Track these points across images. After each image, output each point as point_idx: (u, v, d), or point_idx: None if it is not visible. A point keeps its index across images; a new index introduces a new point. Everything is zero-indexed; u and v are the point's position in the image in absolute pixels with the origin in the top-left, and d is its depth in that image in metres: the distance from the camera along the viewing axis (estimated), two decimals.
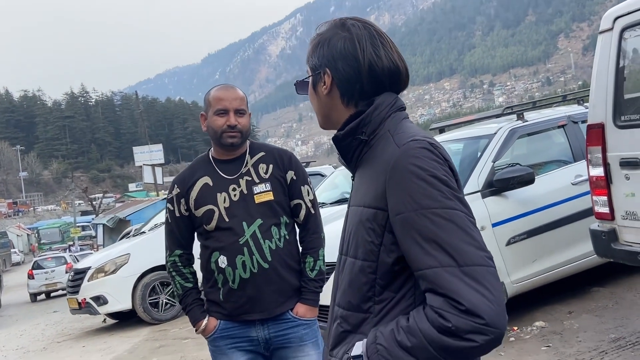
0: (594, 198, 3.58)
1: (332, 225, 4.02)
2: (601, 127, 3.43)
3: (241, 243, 2.09)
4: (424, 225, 1.04)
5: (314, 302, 2.19)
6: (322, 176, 7.94)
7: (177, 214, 2.21)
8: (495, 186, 4.43)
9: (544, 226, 4.53)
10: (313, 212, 2.24)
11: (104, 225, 18.31)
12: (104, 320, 9.15)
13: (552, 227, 4.56)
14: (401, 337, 1.05)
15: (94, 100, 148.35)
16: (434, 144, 1.14)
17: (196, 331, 2.22)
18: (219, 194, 2.14)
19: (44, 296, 19.89)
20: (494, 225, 4.32)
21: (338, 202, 6.19)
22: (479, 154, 4.74)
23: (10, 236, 43.50)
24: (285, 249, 2.15)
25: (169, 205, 2.25)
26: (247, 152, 2.22)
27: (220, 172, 2.18)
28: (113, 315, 8.85)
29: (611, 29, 3.35)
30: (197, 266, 2.27)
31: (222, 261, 2.10)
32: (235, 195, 2.14)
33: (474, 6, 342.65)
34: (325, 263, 2.25)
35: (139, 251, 8.23)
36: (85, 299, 8.03)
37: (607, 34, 3.39)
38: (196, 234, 2.25)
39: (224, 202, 2.13)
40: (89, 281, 8.10)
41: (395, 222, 1.09)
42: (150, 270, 8.11)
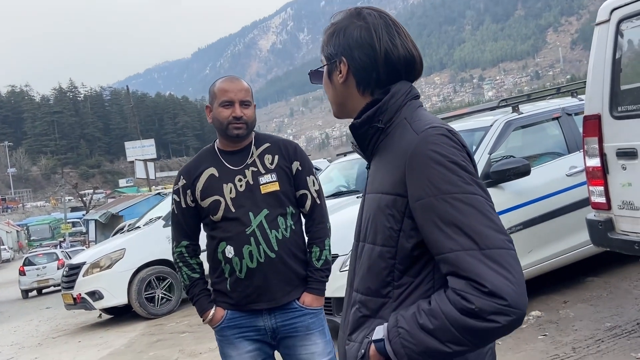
0: (591, 188, 3.62)
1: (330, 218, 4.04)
2: (598, 118, 3.46)
3: (248, 233, 2.10)
4: (444, 210, 1.06)
5: (320, 291, 2.21)
6: (318, 170, 7.96)
7: (184, 205, 2.22)
8: (492, 178, 4.47)
9: (539, 217, 4.58)
10: (319, 202, 2.26)
11: (96, 220, 18.22)
12: (100, 316, 9.11)
13: (547, 218, 4.61)
14: (423, 320, 1.07)
15: (82, 96, 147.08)
16: (452, 131, 1.16)
17: (203, 321, 2.22)
18: (225, 185, 2.16)
19: (35, 292, 19.77)
20: None
21: (334, 195, 6.21)
22: (474, 146, 4.78)
23: None
24: (292, 239, 2.16)
25: (175, 196, 2.25)
26: (253, 143, 2.23)
27: (226, 163, 2.19)
28: (108, 311, 8.81)
29: (608, 20, 3.38)
30: (202, 257, 2.29)
31: (229, 251, 2.11)
32: (241, 186, 2.15)
33: (464, 0, 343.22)
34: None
35: (134, 246, 8.21)
36: (80, 294, 8.00)
37: (604, 25, 3.42)
38: (202, 224, 2.26)
39: (230, 192, 2.14)
40: (84, 276, 8.07)
41: (415, 208, 1.11)
42: (146, 265, 8.11)
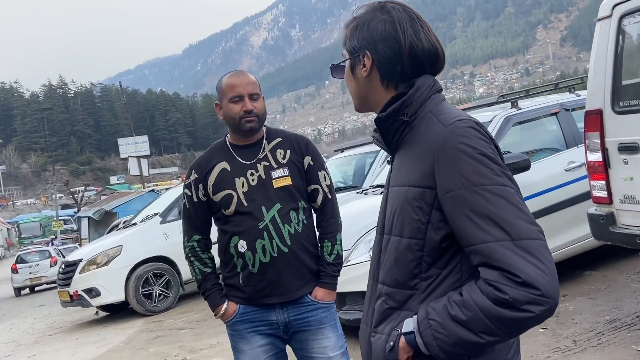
0: (592, 183, 3.65)
1: None
2: (599, 113, 3.49)
3: (261, 227, 2.10)
4: (476, 201, 1.07)
5: (332, 285, 2.22)
6: None
7: (195, 199, 2.22)
8: None
9: (539, 212, 4.61)
10: (330, 197, 2.26)
11: (89, 218, 18.10)
12: (97, 313, 9.07)
13: (546, 213, 4.65)
14: (455, 312, 1.08)
15: (72, 92, 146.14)
16: (479, 123, 1.17)
17: (215, 316, 2.23)
18: (237, 179, 2.16)
19: (27, 290, 19.65)
20: None
21: None
22: None
23: None
24: (304, 234, 2.17)
25: (186, 190, 2.25)
26: (264, 137, 2.24)
27: (238, 158, 2.19)
28: (105, 308, 8.79)
29: (610, 16, 3.41)
30: (214, 251, 2.29)
31: (242, 245, 2.12)
32: (253, 180, 2.15)
33: None
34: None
35: (131, 243, 8.17)
36: (77, 291, 7.96)
37: (606, 21, 3.45)
38: (213, 219, 2.26)
39: (242, 186, 2.15)
40: (80, 273, 8.03)
41: (445, 200, 1.12)
42: (143, 262, 8.08)
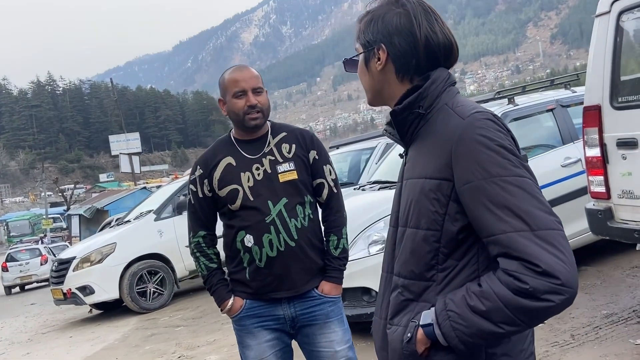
0: (590, 178, 3.67)
1: None
2: (598, 108, 3.51)
3: (267, 222, 2.10)
4: (495, 192, 1.08)
5: (338, 279, 2.21)
6: None
7: (200, 194, 2.21)
8: None
9: None
10: (335, 191, 2.26)
11: (80, 215, 17.98)
12: (90, 311, 9.02)
13: None
14: (474, 302, 1.08)
15: (61, 89, 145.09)
16: (497, 116, 1.18)
17: (222, 311, 2.22)
18: (242, 174, 2.15)
19: (18, 289, 19.50)
20: None
21: None
22: None
23: None
24: (310, 228, 2.17)
25: (191, 186, 2.24)
26: (269, 132, 2.23)
27: (243, 152, 2.18)
28: (98, 306, 8.73)
29: (608, 12, 3.42)
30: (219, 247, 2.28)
31: (249, 240, 2.11)
32: (259, 175, 2.14)
33: None
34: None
35: (125, 240, 8.12)
36: (70, 289, 7.90)
37: (604, 17, 3.47)
38: (219, 214, 2.25)
39: (248, 181, 2.14)
40: (74, 271, 7.96)
41: (463, 191, 1.12)
42: (137, 259, 8.03)
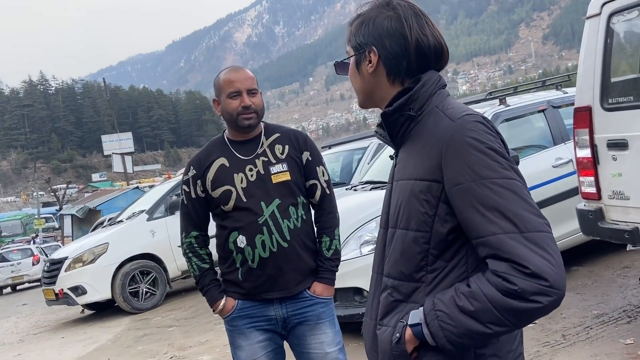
0: (581, 179, 3.70)
1: None
2: (588, 109, 3.54)
3: (260, 222, 2.10)
4: (485, 194, 1.09)
5: (330, 280, 2.22)
6: None
7: (193, 195, 2.21)
8: None
9: None
10: (328, 192, 2.27)
11: (72, 215, 17.88)
12: (82, 311, 8.98)
13: None
14: (463, 302, 1.09)
15: (53, 89, 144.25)
16: (486, 118, 1.19)
17: (214, 311, 2.22)
18: (235, 175, 2.15)
19: (9, 289, 19.38)
20: None
21: None
22: None
23: None
24: (303, 229, 2.17)
25: (184, 187, 2.24)
26: (263, 133, 2.23)
27: (236, 153, 2.19)
28: (90, 306, 8.69)
29: (599, 14, 3.45)
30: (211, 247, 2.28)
31: (241, 241, 2.11)
32: (252, 176, 2.15)
33: None
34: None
35: (117, 240, 8.09)
36: (62, 289, 7.85)
37: (595, 19, 3.49)
38: (212, 215, 2.25)
39: (241, 182, 2.14)
40: (66, 271, 7.92)
41: (453, 193, 1.13)
42: (130, 259, 8.00)
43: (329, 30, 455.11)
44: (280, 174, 2.15)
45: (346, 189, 5.64)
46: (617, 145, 3.39)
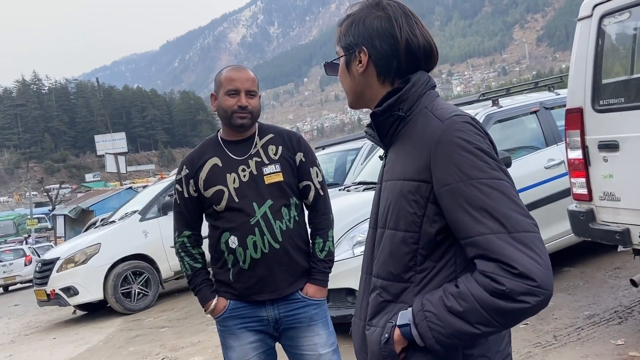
0: (572, 180, 3.71)
1: None
2: (580, 111, 3.55)
3: (252, 223, 2.09)
4: (473, 195, 1.09)
5: (323, 282, 2.21)
6: None
7: (186, 194, 2.20)
8: None
9: None
10: (322, 193, 2.26)
11: (65, 216, 17.79)
12: (74, 312, 8.93)
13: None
14: (451, 303, 1.09)
15: (47, 88, 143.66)
16: (475, 119, 1.19)
17: (205, 311, 2.21)
18: (228, 175, 2.15)
19: (1, 290, 19.26)
20: None
21: None
22: None
23: None
24: (295, 230, 2.17)
25: (177, 186, 2.23)
26: (256, 133, 2.23)
27: (230, 153, 2.18)
28: (82, 307, 8.65)
29: (590, 16, 3.46)
30: (204, 247, 2.27)
31: (233, 241, 2.11)
32: (244, 176, 2.14)
33: None
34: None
35: (110, 241, 8.05)
36: (54, 290, 7.81)
37: (586, 20, 3.50)
38: (204, 215, 2.24)
39: (234, 182, 2.14)
40: (58, 272, 7.87)
41: (441, 193, 1.13)
42: (122, 260, 7.97)
43: (323, 31, 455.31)
44: (273, 174, 2.15)
45: (339, 189, 5.64)
46: (608, 146, 3.41)
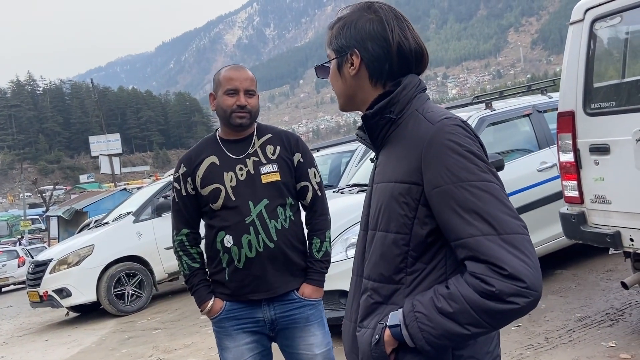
0: (564, 183, 3.73)
1: None
2: (571, 114, 3.57)
3: (247, 222, 2.10)
4: (463, 197, 1.10)
5: (319, 282, 2.22)
6: None
7: (184, 192, 2.21)
8: None
9: None
10: (320, 194, 2.27)
11: (59, 217, 17.71)
12: (67, 314, 8.89)
13: (519, 213, 4.72)
14: (442, 304, 1.10)
15: (41, 89, 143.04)
16: (465, 122, 1.20)
17: (202, 312, 2.21)
18: (225, 173, 2.15)
19: None
20: None
21: None
22: None
23: None
24: (291, 230, 2.17)
25: (175, 184, 2.24)
26: (255, 133, 2.24)
27: (227, 152, 2.19)
28: (76, 308, 8.61)
29: (582, 20, 3.49)
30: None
31: (228, 240, 2.11)
32: (242, 175, 2.15)
33: None
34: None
35: (103, 242, 8.01)
36: (47, 291, 7.77)
37: (578, 24, 3.53)
38: (202, 213, 2.25)
39: (231, 181, 2.14)
40: (51, 273, 7.84)
41: (432, 195, 1.14)
42: (116, 262, 7.94)
43: (319, 33, 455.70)
44: (270, 174, 2.16)
45: (333, 191, 5.65)
46: (599, 150, 3.43)
